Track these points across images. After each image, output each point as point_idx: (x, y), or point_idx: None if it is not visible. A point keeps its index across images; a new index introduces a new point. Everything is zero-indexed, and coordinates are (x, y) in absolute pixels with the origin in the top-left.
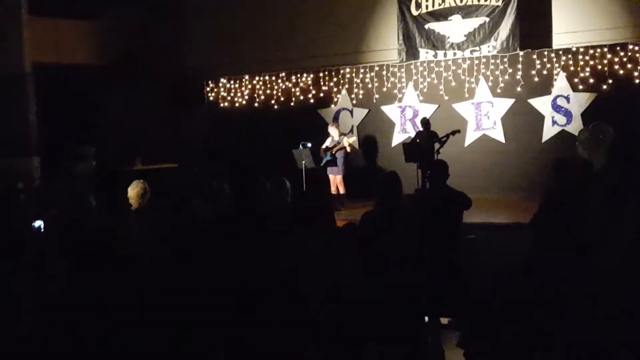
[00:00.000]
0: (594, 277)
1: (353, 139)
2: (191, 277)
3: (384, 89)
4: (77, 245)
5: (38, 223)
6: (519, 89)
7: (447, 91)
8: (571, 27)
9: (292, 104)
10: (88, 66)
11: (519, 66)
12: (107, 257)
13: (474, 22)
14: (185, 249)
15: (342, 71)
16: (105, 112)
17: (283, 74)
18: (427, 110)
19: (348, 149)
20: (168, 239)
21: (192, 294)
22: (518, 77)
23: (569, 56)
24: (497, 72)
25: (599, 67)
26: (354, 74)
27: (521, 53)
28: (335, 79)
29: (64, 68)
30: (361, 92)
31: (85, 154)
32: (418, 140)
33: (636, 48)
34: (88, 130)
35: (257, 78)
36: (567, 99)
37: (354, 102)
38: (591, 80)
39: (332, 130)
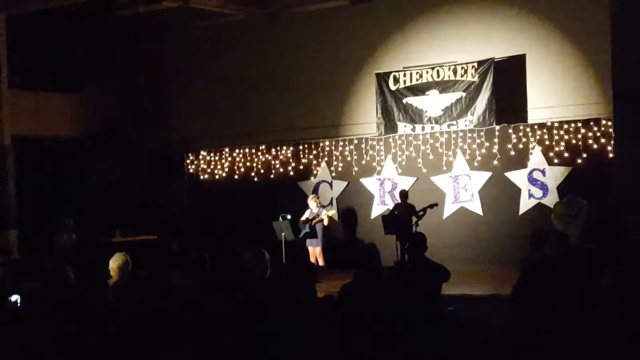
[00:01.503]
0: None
1: (332, 211)
2: (172, 347)
3: (363, 162)
4: (56, 319)
5: (15, 297)
6: (495, 162)
7: (425, 164)
8: (546, 102)
9: (272, 176)
10: (68, 138)
11: (496, 140)
12: (86, 329)
13: (451, 97)
14: (164, 319)
15: (321, 144)
16: (85, 184)
17: (263, 147)
18: (405, 182)
19: (325, 222)
20: (147, 310)
21: None
22: (495, 150)
23: (544, 130)
24: (474, 146)
25: (574, 141)
26: (333, 147)
27: (497, 127)
28: (314, 152)
29: (44, 140)
30: (340, 164)
31: (65, 226)
32: (396, 213)
33: (609, 123)
34: (68, 202)
35: (237, 150)
36: (543, 172)
37: (334, 174)
38: (566, 154)
39: (311, 203)
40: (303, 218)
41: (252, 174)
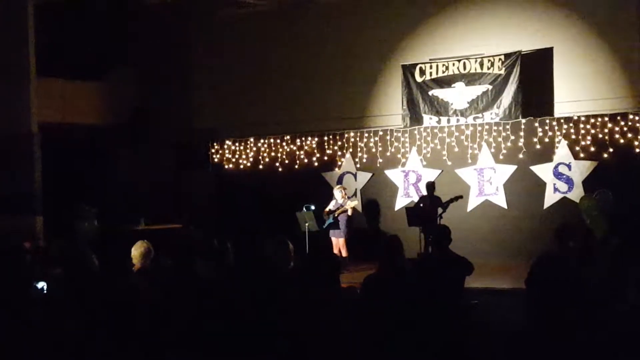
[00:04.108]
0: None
1: (355, 202)
2: (195, 335)
3: (388, 154)
4: (82, 305)
5: (41, 284)
6: (521, 155)
7: (450, 157)
8: (573, 96)
9: (296, 166)
10: (94, 126)
11: (521, 133)
12: (112, 315)
13: (477, 90)
14: (188, 307)
15: (346, 135)
16: (110, 171)
17: (288, 137)
18: (430, 175)
19: (349, 212)
20: (171, 298)
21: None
22: (520, 144)
23: (571, 124)
24: (500, 139)
25: (600, 135)
26: (358, 138)
27: (523, 121)
28: (339, 143)
29: (70, 128)
30: (365, 156)
31: (89, 213)
32: (422, 205)
33: (636, 118)
34: (93, 189)
35: (262, 140)
36: (569, 166)
37: (358, 166)
38: (592, 149)
39: (337, 193)
40: (327, 209)
41: (277, 164)
